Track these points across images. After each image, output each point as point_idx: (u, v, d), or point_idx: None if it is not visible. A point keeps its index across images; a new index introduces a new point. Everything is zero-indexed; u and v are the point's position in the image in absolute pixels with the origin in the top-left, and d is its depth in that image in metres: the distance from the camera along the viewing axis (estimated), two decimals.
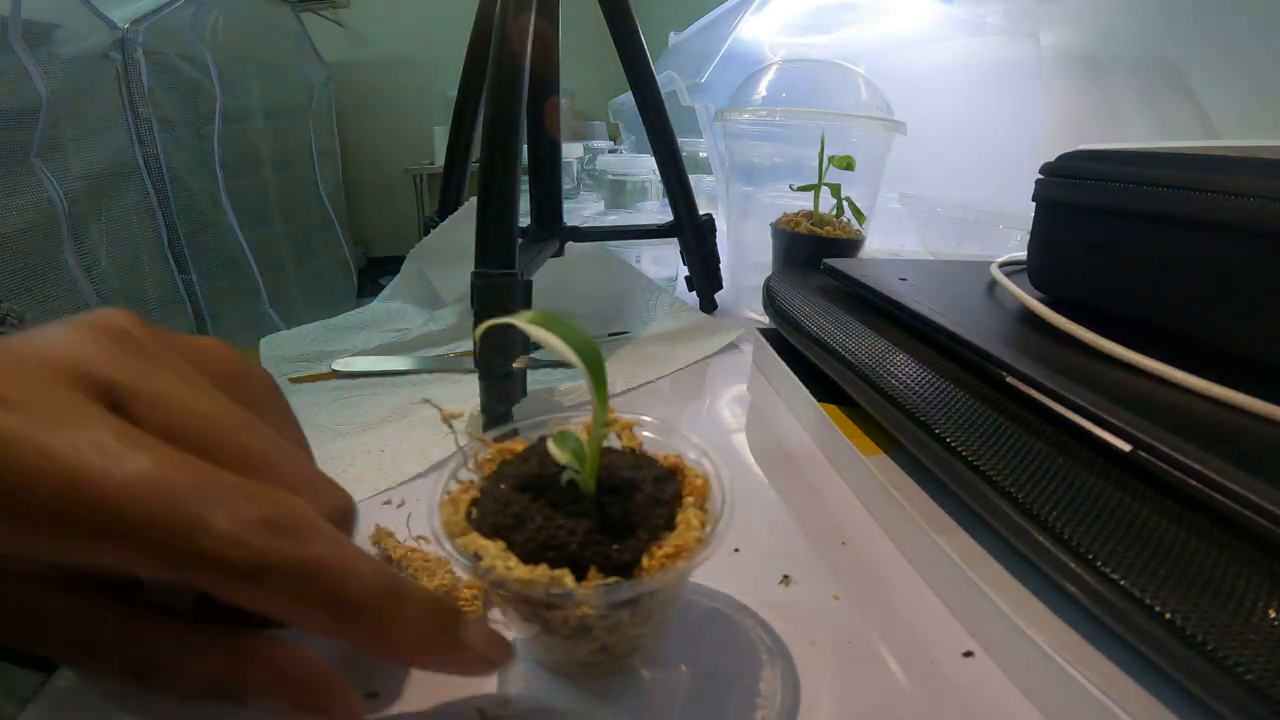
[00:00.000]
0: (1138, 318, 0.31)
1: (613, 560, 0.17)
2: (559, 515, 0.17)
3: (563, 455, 0.18)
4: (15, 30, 1.31)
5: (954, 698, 0.20)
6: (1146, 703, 0.17)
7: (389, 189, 3.37)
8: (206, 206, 1.96)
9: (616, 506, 0.18)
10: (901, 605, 0.23)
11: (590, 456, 0.18)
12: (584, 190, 1.21)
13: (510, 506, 0.18)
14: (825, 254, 0.46)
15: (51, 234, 1.40)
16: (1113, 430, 0.22)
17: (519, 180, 0.37)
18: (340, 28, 3.07)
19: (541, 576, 0.16)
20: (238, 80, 2.19)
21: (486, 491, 0.19)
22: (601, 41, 0.52)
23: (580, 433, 0.19)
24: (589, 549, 0.17)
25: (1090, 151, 0.34)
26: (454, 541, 0.17)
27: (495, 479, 0.19)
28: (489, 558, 0.17)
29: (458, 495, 0.19)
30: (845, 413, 0.33)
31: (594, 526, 0.17)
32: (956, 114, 0.82)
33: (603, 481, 0.19)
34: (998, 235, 0.61)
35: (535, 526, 0.17)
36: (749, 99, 0.65)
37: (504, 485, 0.19)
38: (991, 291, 0.39)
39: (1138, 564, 0.18)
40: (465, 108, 0.55)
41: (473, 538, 0.17)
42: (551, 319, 0.17)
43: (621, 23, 0.52)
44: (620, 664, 0.20)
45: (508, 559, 0.17)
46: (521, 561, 0.17)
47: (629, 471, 0.19)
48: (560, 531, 0.17)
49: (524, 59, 0.38)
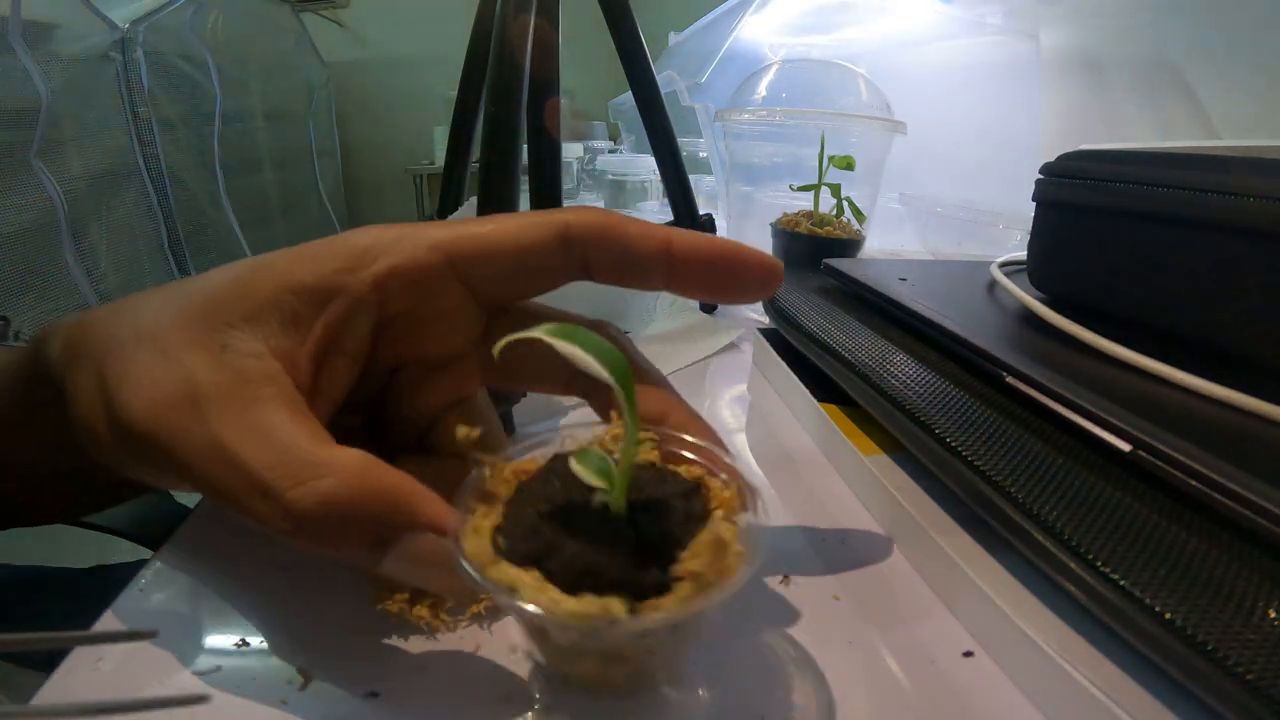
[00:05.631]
0: (1138, 318, 0.31)
1: (656, 583, 0.16)
2: (594, 539, 0.17)
3: (590, 476, 0.17)
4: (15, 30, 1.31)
5: (954, 698, 0.20)
6: (1146, 703, 0.17)
7: (389, 189, 3.37)
8: (206, 206, 1.96)
9: (652, 526, 0.17)
10: (901, 605, 0.23)
11: (621, 476, 0.17)
12: (584, 190, 1.21)
13: (541, 533, 0.17)
14: (825, 254, 0.46)
15: (51, 234, 1.40)
16: (1113, 430, 0.22)
17: (519, 180, 0.37)
18: (340, 28, 3.08)
19: (591, 607, 0.15)
20: (238, 80, 2.19)
21: (511, 517, 0.18)
22: (601, 41, 0.52)
23: (592, 443, 0.18)
24: (630, 573, 0.16)
25: (1090, 151, 0.34)
26: (486, 574, 0.16)
27: (518, 503, 0.18)
28: (528, 590, 0.16)
29: (479, 523, 0.18)
30: (845, 413, 0.33)
31: (632, 549, 0.16)
32: (956, 114, 0.82)
33: (632, 500, 0.18)
34: (998, 235, 0.61)
35: (572, 553, 0.16)
36: (749, 99, 0.65)
37: (530, 509, 0.18)
38: (991, 291, 0.39)
39: (1138, 564, 0.18)
40: (465, 108, 0.55)
41: (504, 568, 0.16)
42: (574, 331, 0.17)
43: (621, 23, 0.52)
44: (648, 682, 0.19)
45: (547, 589, 0.16)
46: (561, 591, 0.16)
47: (656, 488, 0.18)
48: (599, 557, 0.16)
49: (524, 59, 0.38)
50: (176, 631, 0.21)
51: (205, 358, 0.18)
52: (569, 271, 0.21)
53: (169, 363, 0.18)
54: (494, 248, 0.20)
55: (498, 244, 0.20)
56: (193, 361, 0.18)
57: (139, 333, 0.18)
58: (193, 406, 0.17)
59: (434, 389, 0.22)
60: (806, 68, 0.71)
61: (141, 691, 0.18)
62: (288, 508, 0.16)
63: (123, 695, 0.18)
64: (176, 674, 0.19)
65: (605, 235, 0.21)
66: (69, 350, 0.19)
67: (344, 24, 3.09)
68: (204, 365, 0.18)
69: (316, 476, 0.17)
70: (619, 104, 1.27)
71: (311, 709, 0.18)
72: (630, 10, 0.52)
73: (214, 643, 0.20)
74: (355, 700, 0.18)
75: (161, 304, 0.19)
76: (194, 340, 0.18)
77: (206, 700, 0.17)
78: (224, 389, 0.17)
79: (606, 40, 0.52)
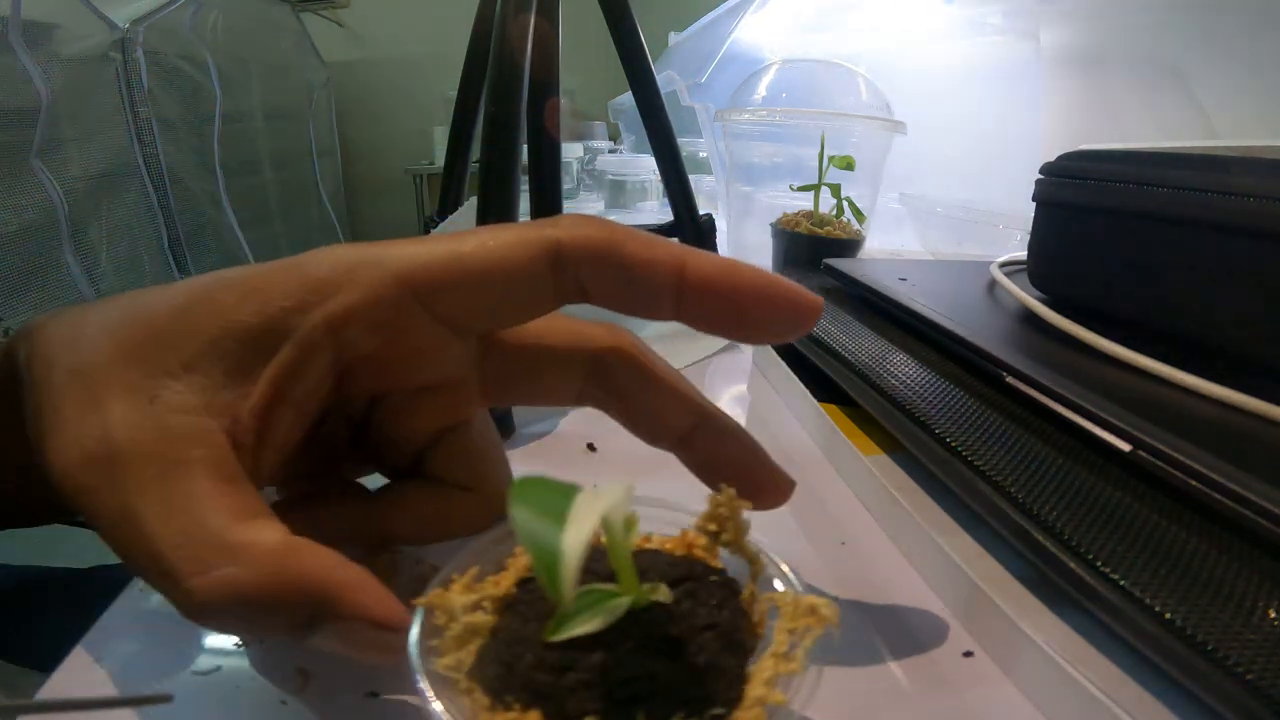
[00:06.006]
0: (1138, 318, 0.31)
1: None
2: (624, 673, 0.13)
3: (595, 625, 0.13)
4: (15, 30, 1.31)
5: (954, 698, 0.20)
6: (1147, 703, 0.17)
7: (389, 189, 3.37)
8: (206, 206, 1.96)
9: (688, 648, 0.14)
10: (901, 605, 0.23)
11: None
12: (584, 190, 1.21)
13: (549, 663, 0.13)
14: (825, 254, 0.46)
15: (51, 234, 1.40)
16: (1113, 430, 0.22)
17: (519, 180, 0.37)
18: (340, 28, 3.08)
19: None
20: (238, 80, 2.19)
21: (505, 640, 0.14)
22: (601, 41, 0.52)
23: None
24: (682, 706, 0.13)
25: (1090, 151, 0.34)
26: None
27: (511, 618, 0.15)
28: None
29: (464, 637, 0.15)
30: (845, 413, 0.33)
31: (674, 680, 0.13)
32: (956, 114, 0.82)
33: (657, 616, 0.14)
34: (998, 235, 0.61)
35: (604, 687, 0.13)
36: (749, 99, 0.65)
37: (531, 632, 0.14)
38: (991, 291, 0.39)
39: (1138, 564, 0.18)
40: (465, 108, 0.55)
41: (475, 696, 0.13)
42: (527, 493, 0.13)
43: (621, 23, 0.52)
44: None
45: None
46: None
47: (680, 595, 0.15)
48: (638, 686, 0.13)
49: (524, 59, 0.38)
50: (176, 631, 0.21)
51: (131, 410, 0.16)
52: (562, 297, 0.18)
53: (94, 411, 0.16)
54: (469, 275, 0.17)
55: (474, 271, 0.17)
56: (118, 413, 0.16)
57: (74, 364, 0.17)
58: (109, 466, 0.15)
59: (424, 415, 0.20)
60: (806, 68, 0.71)
61: (141, 692, 0.18)
62: (188, 595, 0.15)
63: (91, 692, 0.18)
64: (177, 674, 0.19)
65: (604, 256, 0.18)
66: (29, 363, 0.18)
67: (344, 24, 3.09)
68: (128, 419, 0.16)
69: (222, 563, 0.15)
70: (619, 104, 1.27)
71: (311, 709, 0.18)
72: (630, 10, 0.52)
73: (214, 643, 0.20)
74: (355, 700, 0.18)
75: (102, 329, 0.17)
76: (124, 386, 0.16)
77: (169, 700, 0.16)
78: (144, 449, 0.16)
79: (606, 40, 0.52)
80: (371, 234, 3.41)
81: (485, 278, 0.17)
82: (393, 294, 0.17)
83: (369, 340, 0.18)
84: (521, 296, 0.18)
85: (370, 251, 0.18)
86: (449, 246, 0.18)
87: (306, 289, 0.17)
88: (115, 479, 0.15)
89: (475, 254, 0.17)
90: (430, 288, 0.17)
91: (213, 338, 0.17)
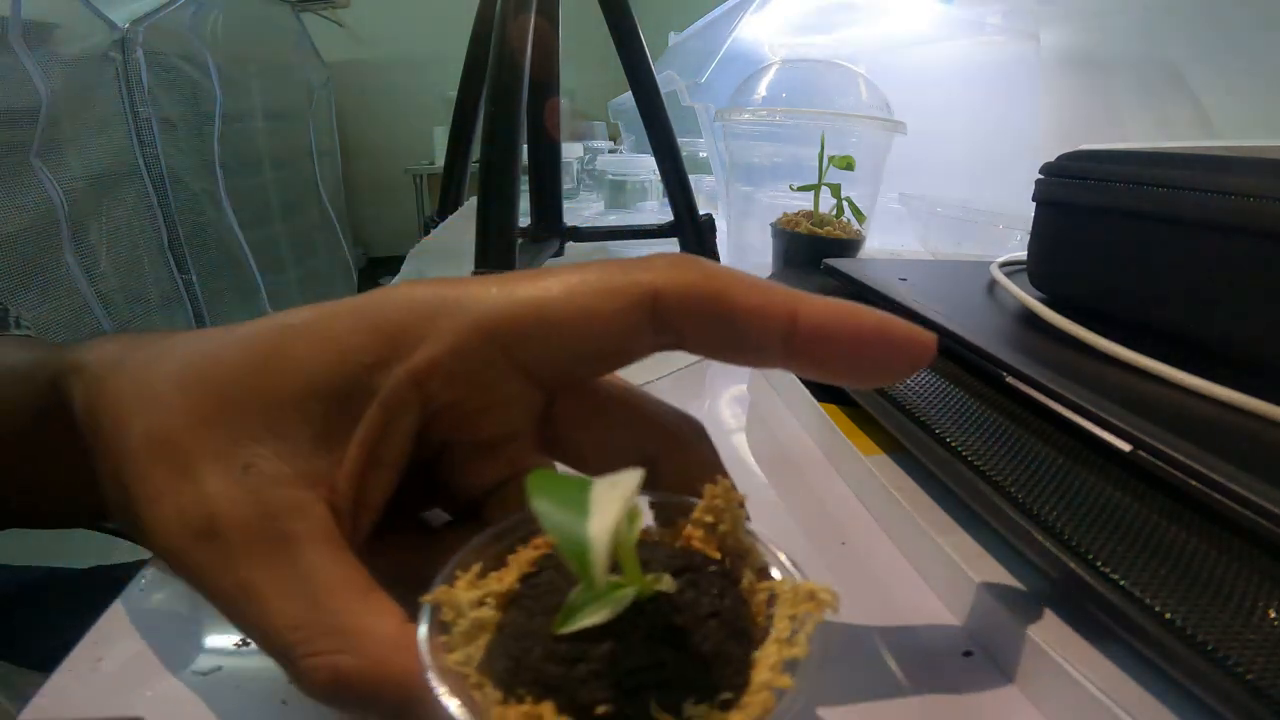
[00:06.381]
0: (1138, 317, 0.31)
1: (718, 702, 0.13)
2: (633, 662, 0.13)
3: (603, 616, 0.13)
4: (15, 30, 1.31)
5: (954, 698, 0.20)
6: (1147, 703, 0.17)
7: (389, 189, 3.37)
8: (206, 206, 1.96)
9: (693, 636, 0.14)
10: (901, 605, 0.23)
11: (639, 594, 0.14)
12: (584, 190, 1.21)
13: (559, 655, 0.13)
14: (825, 254, 0.46)
15: (51, 234, 1.40)
16: (1113, 430, 0.22)
17: (519, 180, 0.37)
18: (340, 28, 3.07)
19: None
20: (238, 80, 2.19)
21: (513, 634, 0.14)
22: (601, 41, 0.52)
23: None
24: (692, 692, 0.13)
25: (1090, 151, 0.34)
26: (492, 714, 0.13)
27: (517, 613, 0.14)
28: None
29: (472, 632, 0.14)
30: (845, 413, 0.33)
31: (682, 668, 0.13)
32: (956, 114, 0.82)
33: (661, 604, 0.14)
34: (998, 235, 0.61)
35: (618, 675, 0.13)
36: (749, 99, 0.65)
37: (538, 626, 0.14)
38: (991, 291, 0.39)
39: (1138, 564, 0.18)
40: (465, 108, 0.56)
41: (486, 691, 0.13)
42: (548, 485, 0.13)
43: (621, 23, 0.52)
44: None
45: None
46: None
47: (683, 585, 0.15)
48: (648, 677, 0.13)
49: (524, 59, 0.38)
50: (176, 631, 0.21)
51: (226, 482, 0.16)
52: (657, 348, 0.17)
53: (187, 481, 0.16)
54: (557, 327, 0.16)
55: (562, 321, 0.16)
56: (214, 485, 0.16)
57: (151, 427, 0.16)
58: (218, 542, 0.15)
59: (484, 468, 0.19)
60: (806, 68, 0.71)
61: (142, 692, 0.18)
62: (299, 675, 0.15)
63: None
64: (177, 674, 0.19)
65: (708, 306, 0.16)
66: (89, 417, 0.18)
67: (344, 24, 3.09)
68: (227, 493, 0.16)
69: (337, 650, 0.15)
70: (619, 104, 1.27)
71: (311, 709, 0.18)
72: (630, 10, 0.52)
73: (214, 643, 0.20)
74: None
75: (174, 386, 0.17)
76: (212, 454, 0.16)
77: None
78: (249, 525, 0.15)
79: (606, 40, 0.52)
80: (371, 234, 3.41)
81: (575, 329, 0.16)
82: (477, 345, 0.16)
83: (450, 391, 0.17)
84: (611, 349, 0.17)
85: (448, 293, 0.17)
86: (532, 293, 0.17)
87: (387, 339, 0.16)
88: (228, 557, 0.15)
89: (562, 303, 0.16)
90: (515, 338, 0.16)
91: (295, 399, 0.16)
